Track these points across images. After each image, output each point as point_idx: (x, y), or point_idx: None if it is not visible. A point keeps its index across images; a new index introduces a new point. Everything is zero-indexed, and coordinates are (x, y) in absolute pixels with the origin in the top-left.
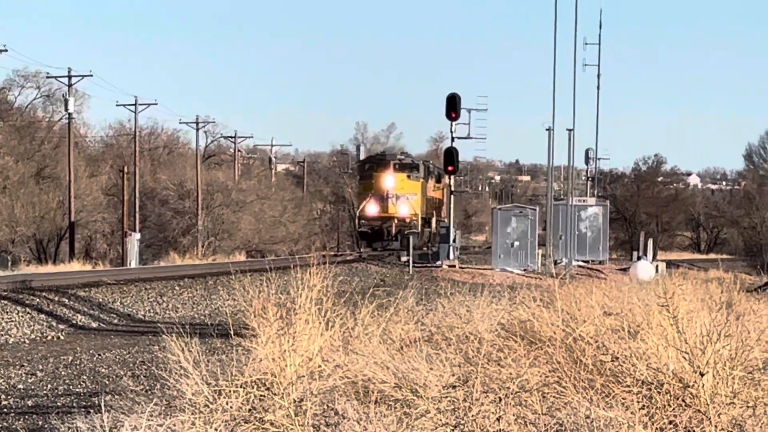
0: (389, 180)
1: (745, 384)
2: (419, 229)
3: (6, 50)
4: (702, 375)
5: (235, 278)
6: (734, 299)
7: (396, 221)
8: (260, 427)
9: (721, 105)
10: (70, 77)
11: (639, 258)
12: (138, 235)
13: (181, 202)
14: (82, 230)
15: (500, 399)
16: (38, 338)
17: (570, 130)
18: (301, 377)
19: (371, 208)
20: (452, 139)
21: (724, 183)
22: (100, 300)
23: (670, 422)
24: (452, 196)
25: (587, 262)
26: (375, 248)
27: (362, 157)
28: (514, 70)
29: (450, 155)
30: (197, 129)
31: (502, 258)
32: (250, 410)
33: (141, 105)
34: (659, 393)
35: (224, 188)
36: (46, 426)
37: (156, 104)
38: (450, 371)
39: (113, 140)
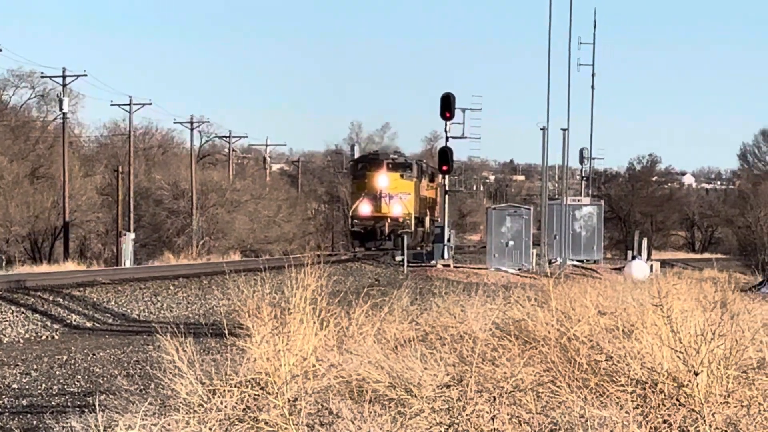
0: (382, 179)
1: (740, 383)
2: (412, 229)
3: (0, 50)
4: (696, 374)
5: (230, 278)
6: (728, 299)
7: (389, 221)
8: (254, 427)
9: (716, 104)
10: (65, 77)
11: (633, 257)
12: (132, 235)
13: (176, 202)
14: (77, 230)
15: (494, 398)
16: (33, 338)
17: (564, 130)
18: (296, 377)
19: (364, 208)
20: (447, 139)
21: (719, 182)
22: (95, 300)
23: (665, 421)
24: (447, 196)
25: (582, 262)
26: (368, 248)
27: (356, 157)
28: (509, 70)
29: (445, 155)
30: (192, 129)
31: (497, 257)
32: (245, 410)
33: (135, 105)
34: (653, 392)
35: (219, 188)
36: (41, 425)
37: (150, 104)
38: (444, 371)
39: (108, 140)
